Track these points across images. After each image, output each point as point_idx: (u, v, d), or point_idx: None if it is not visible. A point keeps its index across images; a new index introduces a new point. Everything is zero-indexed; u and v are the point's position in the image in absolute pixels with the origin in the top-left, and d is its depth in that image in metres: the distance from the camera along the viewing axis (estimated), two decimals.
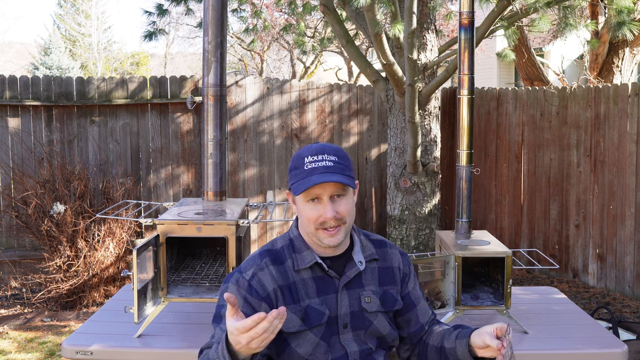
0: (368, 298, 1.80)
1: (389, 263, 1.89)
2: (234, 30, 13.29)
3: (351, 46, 5.65)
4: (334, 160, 1.72)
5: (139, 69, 26.86)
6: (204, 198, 3.11)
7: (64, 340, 2.52)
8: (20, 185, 5.54)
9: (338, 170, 1.71)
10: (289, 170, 1.79)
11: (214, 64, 3.00)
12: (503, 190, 6.56)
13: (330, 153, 1.73)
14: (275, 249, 1.82)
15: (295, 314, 1.73)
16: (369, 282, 1.83)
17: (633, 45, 7.24)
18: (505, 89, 6.62)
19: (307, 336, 1.73)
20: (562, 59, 10.13)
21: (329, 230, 1.72)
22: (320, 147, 1.74)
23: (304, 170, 1.71)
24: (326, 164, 1.71)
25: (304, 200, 1.73)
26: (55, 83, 6.01)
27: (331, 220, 1.70)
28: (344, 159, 1.75)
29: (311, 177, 1.69)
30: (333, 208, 1.70)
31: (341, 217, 1.72)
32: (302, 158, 1.74)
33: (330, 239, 1.73)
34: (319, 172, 1.69)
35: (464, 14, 3.14)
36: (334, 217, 1.70)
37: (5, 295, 5.64)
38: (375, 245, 1.90)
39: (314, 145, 1.76)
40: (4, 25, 45.13)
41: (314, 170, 1.70)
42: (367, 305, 1.80)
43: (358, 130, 6.88)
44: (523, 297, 3.36)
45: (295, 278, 1.77)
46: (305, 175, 1.70)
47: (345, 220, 1.73)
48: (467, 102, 3.16)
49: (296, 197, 1.75)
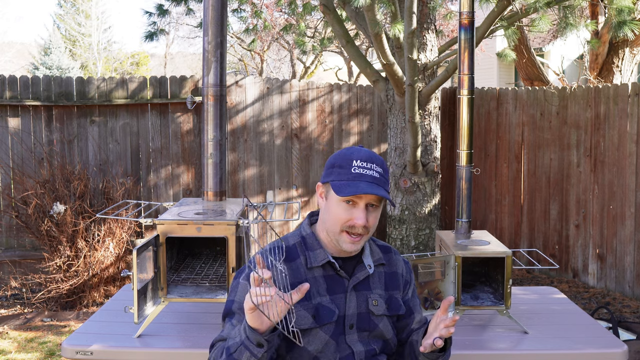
0: (375, 301, 1.82)
1: (394, 269, 1.92)
2: (234, 30, 13.29)
3: (351, 46, 5.65)
4: (380, 172, 1.75)
5: (139, 69, 26.84)
6: (204, 198, 3.11)
7: (64, 340, 2.52)
8: (20, 185, 5.54)
9: (382, 183, 1.75)
10: (330, 166, 1.79)
11: (214, 64, 3.00)
12: (503, 190, 6.56)
13: (378, 164, 1.76)
14: (287, 245, 1.83)
15: (307, 311, 1.73)
16: (376, 285, 1.86)
17: (633, 45, 7.24)
18: (505, 89, 6.62)
19: (317, 334, 1.74)
20: (562, 59, 10.13)
21: (353, 237, 1.74)
22: (369, 155, 1.77)
23: (352, 173, 1.73)
24: (374, 175, 1.74)
25: (340, 200, 1.73)
26: (55, 83, 6.01)
27: (360, 227, 1.73)
28: (387, 173, 1.79)
29: (359, 183, 1.71)
30: (366, 216, 1.73)
31: (368, 227, 1.75)
32: (349, 159, 1.75)
33: (350, 245, 1.75)
34: (366, 180, 1.72)
35: (464, 14, 3.14)
36: (364, 225, 1.73)
37: (5, 295, 5.64)
38: (382, 250, 1.94)
39: (363, 150, 1.78)
40: (4, 25, 45.14)
41: (362, 177, 1.72)
42: (374, 308, 1.82)
43: (358, 130, 6.88)
44: (523, 297, 3.35)
45: (307, 275, 1.78)
46: (353, 178, 1.72)
47: (369, 230, 1.77)
48: (467, 102, 3.16)
49: (330, 194, 1.76)
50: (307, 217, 1.89)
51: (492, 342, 2.74)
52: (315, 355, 1.73)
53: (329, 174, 1.77)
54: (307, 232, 1.84)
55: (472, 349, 2.63)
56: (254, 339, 1.54)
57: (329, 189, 1.77)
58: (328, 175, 1.78)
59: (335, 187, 1.73)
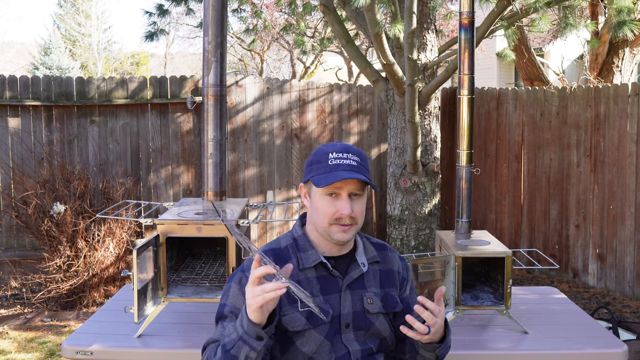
0: (370, 299, 1.82)
1: (389, 266, 1.92)
2: (234, 30, 13.29)
3: (351, 46, 5.65)
4: (357, 161, 1.77)
5: (139, 69, 26.84)
6: (204, 198, 3.11)
7: (64, 340, 2.52)
8: (20, 185, 5.54)
9: (361, 171, 1.76)
10: (308, 164, 1.81)
11: (214, 64, 3.00)
12: (503, 190, 6.56)
13: (354, 153, 1.78)
14: (279, 247, 1.83)
15: (300, 313, 1.73)
16: (371, 283, 1.85)
17: (633, 45, 7.24)
18: (505, 89, 6.62)
19: (311, 335, 1.74)
20: (562, 59, 10.12)
21: (343, 226, 1.74)
22: (345, 147, 1.79)
23: (328, 165, 1.75)
24: (351, 163, 1.75)
25: (322, 194, 1.75)
26: (55, 83, 6.01)
27: (347, 218, 1.73)
28: (365, 161, 1.80)
29: (337, 172, 1.72)
30: (350, 206, 1.73)
31: (355, 216, 1.75)
32: (325, 153, 1.77)
33: (342, 234, 1.75)
34: (343, 168, 1.73)
35: (464, 14, 3.14)
36: (350, 215, 1.73)
37: (5, 295, 5.64)
38: (377, 248, 1.93)
39: (337, 144, 1.80)
40: (4, 25, 45.11)
41: (339, 167, 1.74)
42: (369, 306, 1.81)
43: (358, 130, 6.88)
44: (523, 297, 3.35)
45: (299, 277, 1.77)
46: (330, 169, 1.74)
47: (357, 220, 1.77)
48: (467, 102, 3.16)
49: (313, 191, 1.78)
50: (298, 219, 1.89)
51: (492, 342, 2.74)
52: (311, 356, 1.74)
53: (308, 172, 1.79)
54: (299, 234, 1.84)
55: (472, 349, 2.63)
56: (253, 333, 1.55)
57: (310, 186, 1.79)
58: (307, 173, 1.80)
59: (314, 181, 1.75)
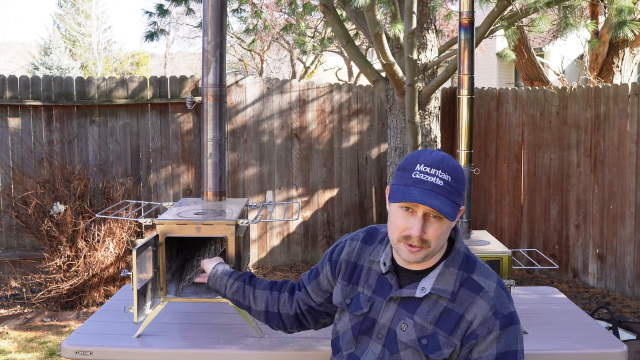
0: (405, 325, 1.62)
1: (461, 310, 1.59)
2: (234, 30, 13.28)
3: (351, 46, 5.65)
4: (446, 180, 1.54)
5: (139, 69, 26.86)
6: (204, 198, 3.10)
7: (63, 340, 2.52)
8: (20, 185, 5.54)
9: (445, 192, 1.53)
10: (398, 168, 1.63)
11: (213, 64, 2.99)
12: (503, 190, 6.56)
13: (445, 170, 1.55)
14: (377, 231, 1.84)
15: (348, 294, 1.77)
16: (422, 312, 1.62)
17: (633, 45, 7.24)
18: (505, 89, 6.62)
19: (346, 317, 1.76)
20: (562, 59, 10.13)
21: (411, 247, 1.57)
22: (438, 160, 1.56)
23: (411, 178, 1.55)
24: (436, 182, 1.53)
25: (397, 206, 1.59)
26: (55, 83, 6.01)
27: (416, 239, 1.56)
28: (457, 181, 1.56)
29: (413, 190, 1.53)
30: (422, 227, 1.55)
31: (427, 239, 1.56)
32: (414, 162, 1.57)
33: (410, 255, 1.58)
34: (425, 187, 1.53)
35: (464, 14, 3.14)
36: (419, 238, 1.55)
37: (5, 295, 5.64)
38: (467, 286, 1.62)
39: (434, 153, 1.58)
40: (4, 25, 45.17)
41: (419, 183, 1.54)
42: (400, 331, 1.63)
43: (358, 130, 6.88)
44: (523, 297, 3.35)
45: (365, 263, 1.77)
46: (410, 184, 1.55)
47: (431, 244, 1.57)
48: (467, 102, 3.16)
49: None
50: None
51: None
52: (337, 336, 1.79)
53: (395, 177, 1.62)
54: None
55: None
56: None
57: None
58: (394, 177, 1.63)
59: (390, 191, 1.60)
